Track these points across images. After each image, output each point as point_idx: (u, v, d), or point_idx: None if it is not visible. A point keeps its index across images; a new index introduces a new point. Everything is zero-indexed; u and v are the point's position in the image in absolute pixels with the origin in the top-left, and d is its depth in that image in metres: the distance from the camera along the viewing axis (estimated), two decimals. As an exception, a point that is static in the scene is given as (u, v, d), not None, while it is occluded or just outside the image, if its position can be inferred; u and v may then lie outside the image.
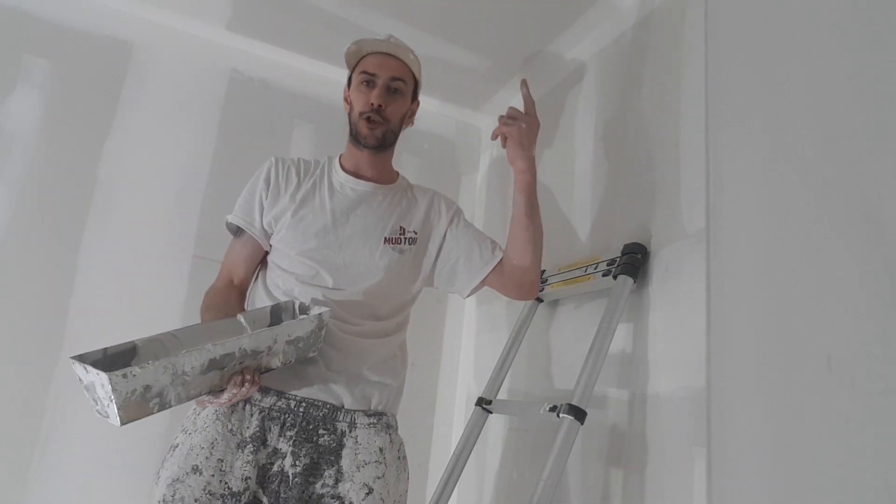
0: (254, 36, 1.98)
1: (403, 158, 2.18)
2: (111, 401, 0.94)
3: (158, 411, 1.01)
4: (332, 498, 1.17)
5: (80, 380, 0.99)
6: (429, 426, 2.09)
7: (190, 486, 1.11)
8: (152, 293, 1.79)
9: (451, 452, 1.52)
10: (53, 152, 1.75)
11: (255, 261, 1.40)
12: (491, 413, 1.56)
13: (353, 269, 1.34)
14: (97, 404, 0.99)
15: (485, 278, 1.46)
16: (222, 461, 1.15)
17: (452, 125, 2.34)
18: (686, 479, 1.11)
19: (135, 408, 0.97)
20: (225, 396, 1.10)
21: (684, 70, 1.35)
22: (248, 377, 1.10)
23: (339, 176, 1.43)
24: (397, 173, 1.54)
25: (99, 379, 0.93)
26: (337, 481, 1.19)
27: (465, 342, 2.18)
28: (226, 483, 1.14)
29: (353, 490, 1.18)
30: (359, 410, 1.27)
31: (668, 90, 1.39)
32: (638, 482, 1.22)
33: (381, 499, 1.21)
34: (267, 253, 1.40)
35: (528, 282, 1.44)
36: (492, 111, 2.30)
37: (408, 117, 1.50)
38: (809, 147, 1.00)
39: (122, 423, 0.96)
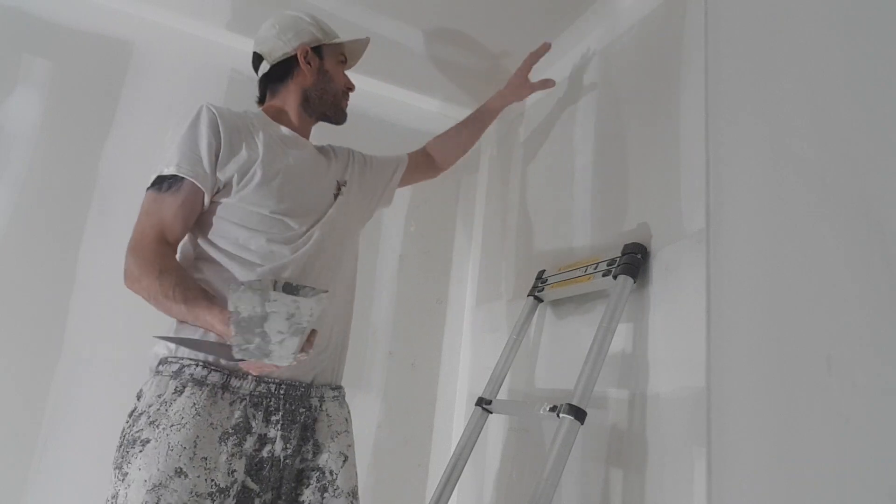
0: (254, 36, 1.97)
1: (403, 158, 2.19)
2: (300, 330, 0.85)
3: (299, 355, 0.94)
4: (313, 470, 1.22)
5: (238, 312, 0.87)
6: (429, 426, 2.09)
7: (175, 490, 1.04)
8: (152, 293, 1.78)
9: (451, 452, 1.52)
10: (53, 152, 1.75)
11: (191, 219, 1.24)
12: (491, 413, 1.56)
13: (324, 221, 1.34)
14: (251, 342, 0.89)
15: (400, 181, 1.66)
16: (207, 459, 1.08)
17: (452, 125, 2.34)
18: (686, 479, 1.11)
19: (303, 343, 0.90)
20: (301, 356, 1.04)
21: (684, 70, 1.35)
22: (312, 341, 1.07)
23: (286, 130, 1.41)
24: None
25: (292, 307, 0.85)
26: (315, 454, 1.23)
27: (465, 342, 2.18)
28: (213, 480, 1.08)
29: (332, 459, 1.24)
30: (325, 385, 1.31)
31: (668, 90, 1.39)
32: (638, 482, 1.22)
33: (353, 464, 1.30)
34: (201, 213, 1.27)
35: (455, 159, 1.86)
36: (492, 111, 2.29)
37: None
38: (809, 147, 1.00)
39: (295, 357, 0.89)
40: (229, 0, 1.82)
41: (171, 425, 1.08)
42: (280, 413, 1.19)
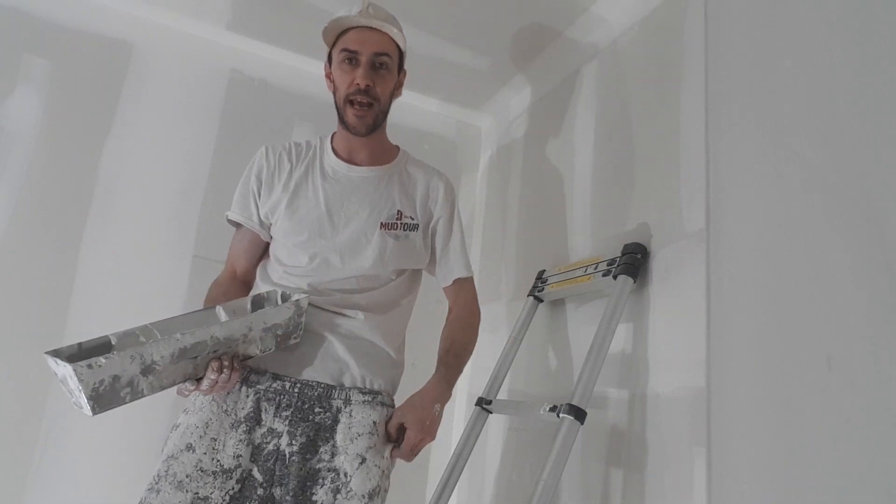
0: (254, 36, 1.98)
1: (403, 158, 2.18)
2: (80, 391, 0.96)
3: (131, 401, 1.03)
4: (329, 471, 1.21)
5: (55, 374, 1.02)
6: (429, 426, 2.08)
7: (182, 462, 1.16)
8: (152, 293, 1.78)
9: (451, 452, 1.52)
10: (53, 152, 1.75)
11: (255, 252, 1.40)
12: (491, 413, 1.56)
13: (348, 257, 1.32)
14: (72, 396, 1.01)
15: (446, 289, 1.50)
16: (215, 440, 1.19)
17: (452, 125, 2.34)
18: (686, 479, 1.11)
19: (105, 398, 0.99)
20: (205, 384, 1.12)
21: (684, 70, 1.35)
22: (226, 363, 1.12)
23: (331, 161, 1.38)
24: (396, 148, 1.48)
25: (67, 371, 0.95)
26: (333, 455, 1.22)
27: (465, 342, 2.17)
28: (217, 461, 1.18)
29: (347, 461, 1.21)
30: (354, 388, 1.28)
31: (668, 90, 1.39)
32: (638, 482, 1.22)
33: (375, 465, 1.23)
34: (268, 244, 1.41)
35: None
36: (492, 111, 2.30)
37: (396, 89, 1.42)
38: (809, 147, 1.00)
39: (94, 413, 0.98)
40: (229, 0, 1.82)
41: (193, 411, 1.23)
42: (290, 409, 1.23)
